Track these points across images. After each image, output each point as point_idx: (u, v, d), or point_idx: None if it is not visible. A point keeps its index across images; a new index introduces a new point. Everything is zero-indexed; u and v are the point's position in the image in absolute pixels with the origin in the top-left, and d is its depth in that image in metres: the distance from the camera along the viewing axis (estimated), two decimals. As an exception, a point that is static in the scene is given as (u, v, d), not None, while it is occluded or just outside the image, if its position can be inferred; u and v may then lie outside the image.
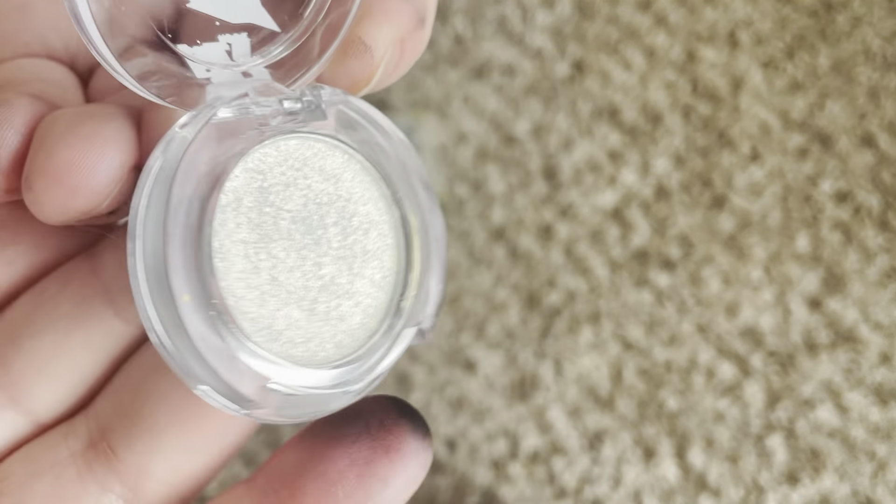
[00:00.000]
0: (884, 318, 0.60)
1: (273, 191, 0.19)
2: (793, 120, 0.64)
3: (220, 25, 0.19)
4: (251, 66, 0.20)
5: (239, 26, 0.20)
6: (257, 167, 0.19)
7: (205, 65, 0.19)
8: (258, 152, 0.19)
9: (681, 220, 0.62)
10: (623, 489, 0.57)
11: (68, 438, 0.21)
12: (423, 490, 0.57)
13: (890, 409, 0.58)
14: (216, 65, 0.20)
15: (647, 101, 0.64)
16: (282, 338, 0.19)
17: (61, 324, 0.21)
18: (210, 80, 0.19)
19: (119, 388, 0.22)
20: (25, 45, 0.23)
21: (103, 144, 0.18)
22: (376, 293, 0.21)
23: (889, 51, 0.65)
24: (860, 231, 0.62)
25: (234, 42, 0.20)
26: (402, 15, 0.21)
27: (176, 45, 0.19)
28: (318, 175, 0.20)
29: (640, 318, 0.60)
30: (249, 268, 0.19)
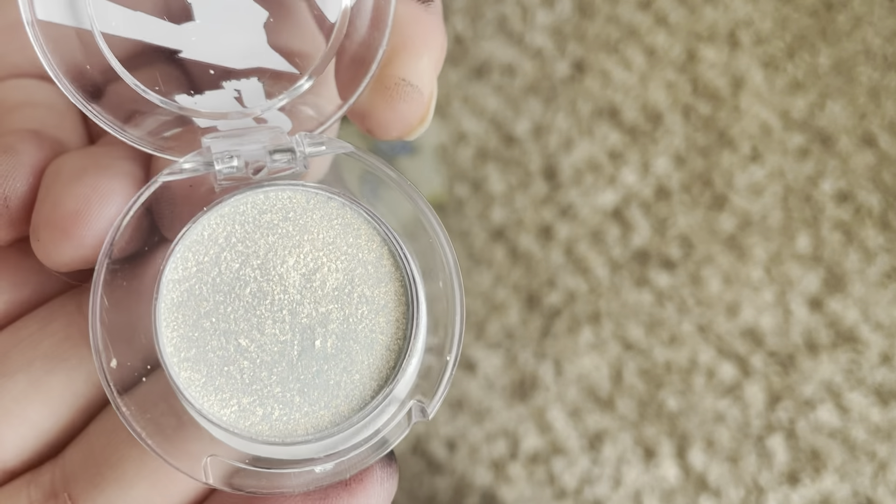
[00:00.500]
0: (884, 319, 0.60)
1: (245, 245, 0.18)
2: (793, 120, 0.64)
3: (222, 73, 0.18)
4: (266, 109, 0.19)
5: (247, 71, 0.18)
6: (229, 220, 0.18)
7: (210, 114, 0.18)
8: (229, 205, 0.18)
9: (681, 220, 0.62)
10: (623, 489, 0.57)
11: (30, 487, 0.20)
12: (424, 490, 0.57)
13: (890, 410, 0.58)
14: (226, 112, 0.19)
15: (648, 100, 0.64)
16: (242, 405, 0.17)
17: (38, 364, 0.20)
18: (216, 128, 0.18)
19: (92, 433, 0.20)
20: (16, 66, 0.22)
21: (108, 195, 0.18)
22: (371, 361, 0.18)
23: (889, 50, 0.65)
24: (861, 231, 0.62)
25: (244, 87, 0.18)
26: (437, 35, 0.20)
27: (175, 97, 0.18)
28: (303, 230, 0.18)
29: (640, 318, 0.60)
30: (210, 329, 0.17)
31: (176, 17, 0.18)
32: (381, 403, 0.18)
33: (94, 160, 0.18)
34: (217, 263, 0.17)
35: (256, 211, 0.18)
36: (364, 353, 0.18)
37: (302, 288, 0.18)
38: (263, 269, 0.18)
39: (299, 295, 0.18)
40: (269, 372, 0.18)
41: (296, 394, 0.18)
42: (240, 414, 0.17)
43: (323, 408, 0.18)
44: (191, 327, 0.17)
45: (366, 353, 0.18)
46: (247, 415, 0.17)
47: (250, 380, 0.17)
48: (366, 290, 0.18)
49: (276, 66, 0.18)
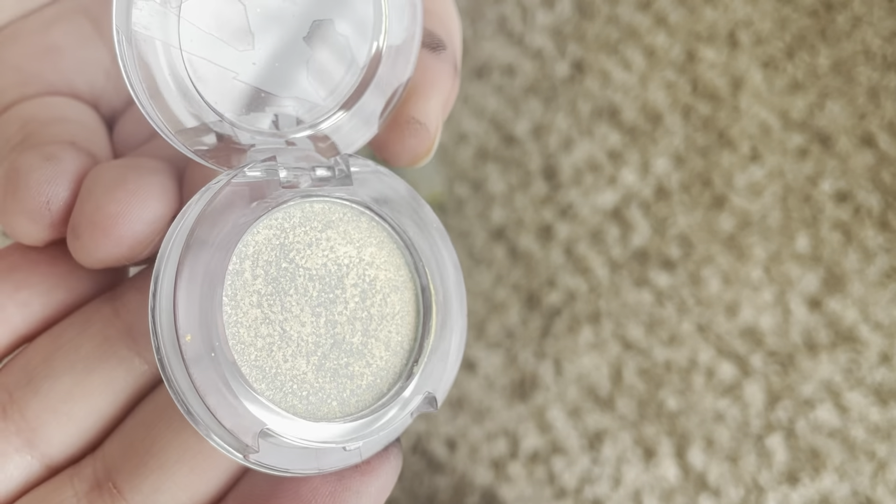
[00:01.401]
0: (884, 318, 0.60)
1: (294, 248, 0.20)
2: (793, 120, 0.64)
3: (266, 97, 0.21)
4: (296, 135, 0.21)
5: (286, 98, 0.21)
6: (280, 225, 0.20)
7: (251, 132, 0.21)
8: (282, 211, 0.20)
9: (681, 220, 0.62)
10: (623, 489, 0.57)
11: (74, 480, 0.22)
12: (424, 489, 0.57)
13: (890, 409, 0.58)
14: (262, 133, 0.21)
15: (647, 101, 0.64)
16: (285, 388, 0.20)
17: (80, 365, 0.21)
18: (254, 146, 0.21)
19: (131, 426, 0.22)
20: (51, 85, 0.24)
21: (147, 198, 0.20)
22: (389, 357, 0.21)
23: (889, 51, 0.65)
24: (860, 231, 0.62)
25: (281, 113, 0.21)
26: (445, 80, 0.22)
27: (224, 113, 0.21)
28: (342, 238, 0.21)
29: (639, 317, 0.60)
30: (260, 317, 0.20)
31: (241, 45, 0.21)
32: (396, 396, 0.21)
33: (131, 169, 0.20)
34: (269, 262, 0.20)
35: (303, 219, 0.21)
36: (383, 350, 0.21)
37: (336, 288, 0.21)
38: (305, 269, 0.20)
39: (333, 294, 0.21)
40: (307, 360, 0.20)
41: (327, 381, 0.20)
42: (283, 396, 0.20)
43: (350, 395, 0.21)
44: (244, 314, 0.20)
45: (384, 350, 0.21)
46: (287, 396, 0.20)
47: (291, 365, 0.20)
48: (387, 296, 0.21)
49: (311, 97, 0.22)
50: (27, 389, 0.21)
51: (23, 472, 0.21)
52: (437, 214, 0.23)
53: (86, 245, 0.20)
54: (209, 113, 0.20)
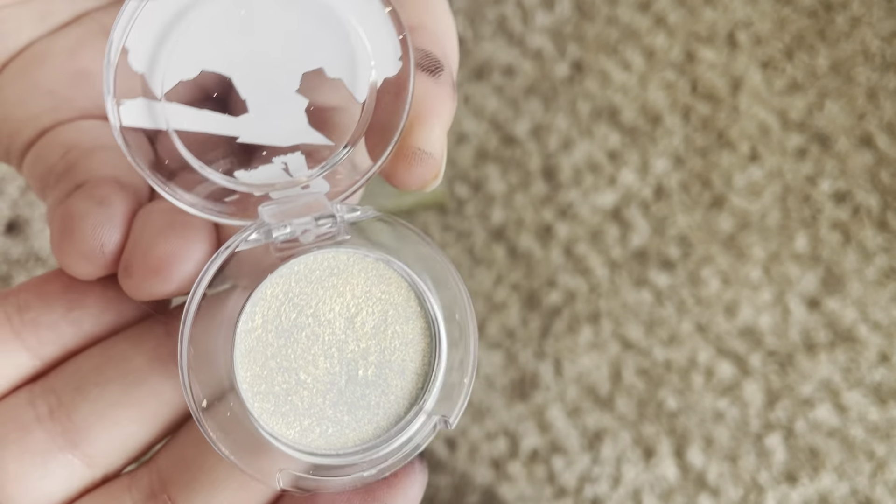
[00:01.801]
0: (883, 318, 0.60)
1: (302, 299, 0.22)
2: (792, 120, 0.64)
3: (272, 149, 0.22)
4: (310, 178, 0.23)
5: (292, 147, 0.22)
6: (286, 279, 0.22)
7: (263, 185, 0.22)
8: (287, 266, 0.22)
9: (680, 220, 0.62)
10: (623, 488, 0.57)
11: (132, 490, 0.23)
12: (425, 488, 0.57)
13: (889, 409, 0.58)
14: (276, 182, 0.22)
15: (647, 101, 0.65)
16: (304, 427, 0.22)
17: (131, 376, 0.23)
18: (269, 196, 0.22)
19: (182, 442, 0.23)
20: (84, 109, 0.25)
21: (195, 240, 0.22)
22: (404, 384, 0.23)
23: (888, 51, 0.66)
24: (859, 231, 0.62)
25: (290, 160, 0.22)
26: (446, 103, 0.24)
27: (234, 173, 0.22)
28: (347, 283, 0.22)
29: (639, 317, 0.60)
30: (275, 368, 0.21)
31: (235, 112, 0.22)
32: (413, 419, 0.23)
33: (178, 215, 0.22)
34: (278, 315, 0.22)
35: (307, 269, 0.22)
36: (398, 379, 0.23)
37: (346, 329, 0.22)
38: (315, 316, 0.22)
39: (344, 335, 0.22)
40: (323, 398, 0.22)
41: (345, 414, 0.22)
42: (301, 433, 0.22)
43: (366, 424, 0.22)
44: (260, 367, 0.21)
45: (399, 378, 0.23)
46: (307, 433, 0.22)
47: (308, 405, 0.22)
48: (397, 328, 0.23)
49: (316, 140, 0.23)
50: (76, 394, 0.22)
51: (65, 471, 0.22)
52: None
53: (137, 283, 0.22)
54: (221, 178, 0.22)
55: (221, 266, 0.21)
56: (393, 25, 0.21)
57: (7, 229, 0.62)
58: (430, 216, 0.62)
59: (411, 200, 0.60)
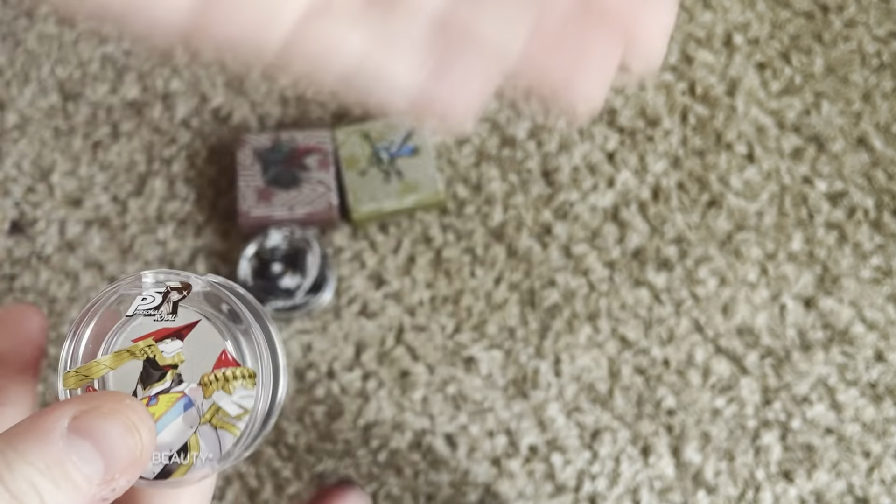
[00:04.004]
0: (878, 317, 0.60)
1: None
2: (788, 121, 0.64)
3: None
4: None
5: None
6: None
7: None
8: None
9: (678, 221, 0.62)
10: (621, 485, 0.57)
11: None
12: (425, 486, 0.57)
13: (884, 407, 0.58)
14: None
15: (645, 103, 0.65)
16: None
17: None
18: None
19: None
20: None
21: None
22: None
23: (884, 53, 0.66)
24: (855, 231, 0.62)
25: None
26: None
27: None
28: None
29: (637, 317, 0.60)
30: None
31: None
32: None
33: None
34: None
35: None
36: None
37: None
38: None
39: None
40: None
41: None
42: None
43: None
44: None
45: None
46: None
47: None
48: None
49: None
50: None
51: None
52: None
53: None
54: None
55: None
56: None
57: (11, 229, 0.62)
58: (431, 216, 0.62)
59: (412, 201, 0.60)
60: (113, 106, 0.65)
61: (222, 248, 0.61)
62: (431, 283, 0.60)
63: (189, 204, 0.62)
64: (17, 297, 0.61)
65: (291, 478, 0.58)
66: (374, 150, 0.61)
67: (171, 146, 0.64)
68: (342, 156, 0.61)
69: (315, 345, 0.60)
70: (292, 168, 0.60)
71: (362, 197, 0.60)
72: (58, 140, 0.64)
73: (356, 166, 0.60)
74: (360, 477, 0.57)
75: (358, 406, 0.59)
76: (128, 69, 0.65)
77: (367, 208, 0.59)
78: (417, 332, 0.60)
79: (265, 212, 0.59)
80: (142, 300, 0.26)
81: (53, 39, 0.66)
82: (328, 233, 0.62)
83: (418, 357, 0.60)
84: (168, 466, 0.24)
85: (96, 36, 0.66)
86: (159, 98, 0.65)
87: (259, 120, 0.64)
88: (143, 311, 0.26)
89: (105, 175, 0.63)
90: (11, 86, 0.65)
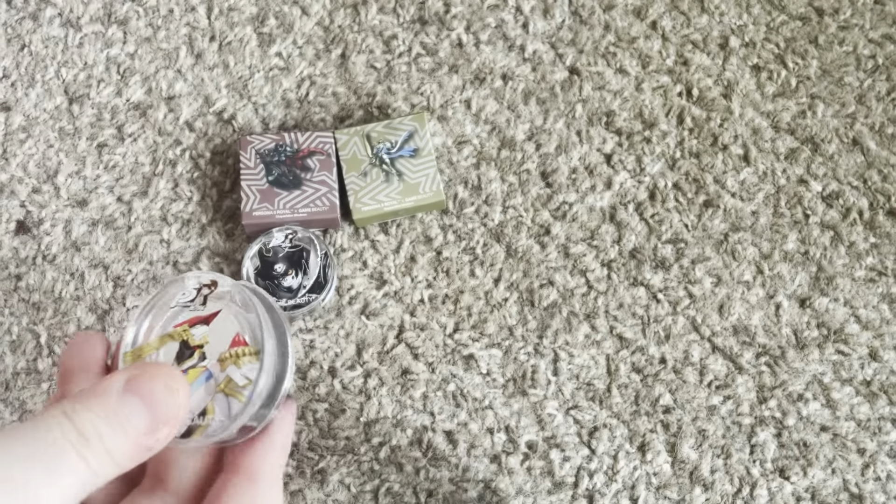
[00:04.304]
0: (872, 316, 0.60)
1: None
2: (784, 123, 0.64)
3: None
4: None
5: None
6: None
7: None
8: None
9: (675, 221, 0.62)
10: (618, 482, 0.57)
11: None
12: (425, 483, 0.57)
13: (878, 405, 0.59)
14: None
15: (642, 105, 0.65)
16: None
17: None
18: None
19: None
20: None
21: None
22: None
23: (879, 55, 0.65)
24: (849, 231, 0.62)
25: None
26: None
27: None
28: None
29: (635, 315, 0.60)
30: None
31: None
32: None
33: None
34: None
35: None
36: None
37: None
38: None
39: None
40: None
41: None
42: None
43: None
44: None
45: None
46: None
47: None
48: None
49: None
50: None
51: None
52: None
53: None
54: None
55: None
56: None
57: (17, 229, 0.63)
58: (431, 217, 0.62)
59: (413, 202, 0.60)
60: (118, 108, 0.65)
61: (226, 248, 0.62)
62: (431, 282, 0.61)
63: (193, 205, 0.63)
64: (23, 297, 0.61)
65: (294, 475, 0.58)
66: (375, 151, 0.61)
67: (176, 148, 0.64)
68: (343, 157, 0.61)
69: (317, 343, 0.60)
70: (294, 169, 0.60)
71: (363, 198, 0.60)
72: (63, 141, 0.64)
73: (357, 168, 0.61)
74: (362, 473, 0.58)
75: (359, 404, 0.59)
76: (132, 71, 0.66)
77: (367, 209, 0.60)
78: (418, 331, 0.60)
79: (268, 212, 0.60)
80: (181, 295, 0.31)
81: (58, 42, 0.66)
82: (330, 233, 0.62)
83: (419, 355, 0.60)
84: (190, 427, 0.29)
85: (101, 39, 0.67)
86: (163, 100, 0.65)
87: (262, 122, 0.64)
88: (182, 303, 0.31)
89: (110, 176, 0.64)
90: (17, 88, 0.66)
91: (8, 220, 0.63)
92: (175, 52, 0.66)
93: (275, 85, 0.65)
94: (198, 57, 0.66)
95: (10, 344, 0.60)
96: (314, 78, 0.65)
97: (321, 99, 0.65)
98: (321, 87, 0.65)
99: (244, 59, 0.66)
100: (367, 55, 0.66)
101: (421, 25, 0.67)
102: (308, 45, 0.66)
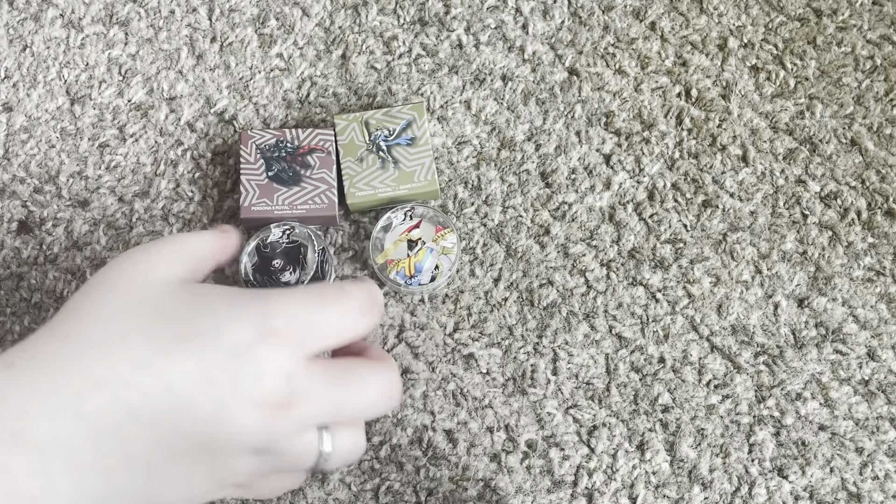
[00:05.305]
0: (871, 316, 0.60)
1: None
2: (782, 123, 0.64)
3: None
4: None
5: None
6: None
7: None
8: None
9: (673, 221, 0.62)
10: (617, 481, 0.58)
11: None
12: (425, 482, 0.57)
13: (877, 404, 0.59)
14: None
15: (641, 105, 0.65)
16: None
17: None
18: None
19: None
20: None
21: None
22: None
23: (877, 56, 0.66)
24: (847, 231, 0.62)
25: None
26: None
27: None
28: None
29: (634, 315, 0.60)
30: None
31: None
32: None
33: None
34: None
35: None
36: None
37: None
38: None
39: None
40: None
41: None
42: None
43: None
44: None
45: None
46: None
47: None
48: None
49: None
50: None
51: None
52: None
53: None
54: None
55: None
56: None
57: (19, 230, 0.63)
58: (431, 217, 0.62)
59: (406, 190, 0.60)
60: (119, 108, 0.65)
61: (226, 248, 0.62)
62: (432, 282, 0.61)
63: (194, 205, 0.63)
64: (25, 297, 0.61)
65: (294, 473, 0.58)
66: (373, 137, 0.61)
67: (177, 148, 0.64)
68: (341, 142, 0.61)
69: (317, 343, 0.60)
70: (294, 166, 0.61)
71: (358, 183, 0.60)
72: (65, 142, 0.65)
73: (354, 153, 0.61)
74: (362, 472, 0.58)
75: (359, 403, 0.59)
76: (133, 72, 0.66)
77: (362, 195, 0.60)
78: (418, 331, 0.60)
79: (266, 207, 0.60)
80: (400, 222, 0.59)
81: (60, 43, 0.67)
82: (331, 232, 0.62)
83: (419, 355, 0.60)
84: (433, 275, 0.59)
85: (102, 39, 0.67)
86: (165, 101, 0.65)
87: (263, 122, 0.65)
88: (396, 225, 0.58)
89: (111, 176, 0.64)
90: (19, 89, 0.66)
91: (10, 220, 0.63)
92: (176, 52, 0.66)
93: (276, 86, 0.65)
94: (199, 58, 0.66)
95: (12, 344, 0.60)
96: (315, 79, 0.65)
97: (322, 99, 0.65)
98: (322, 88, 0.65)
99: (245, 59, 0.66)
100: (368, 56, 0.66)
101: (421, 26, 0.67)
102: (309, 46, 0.66)
